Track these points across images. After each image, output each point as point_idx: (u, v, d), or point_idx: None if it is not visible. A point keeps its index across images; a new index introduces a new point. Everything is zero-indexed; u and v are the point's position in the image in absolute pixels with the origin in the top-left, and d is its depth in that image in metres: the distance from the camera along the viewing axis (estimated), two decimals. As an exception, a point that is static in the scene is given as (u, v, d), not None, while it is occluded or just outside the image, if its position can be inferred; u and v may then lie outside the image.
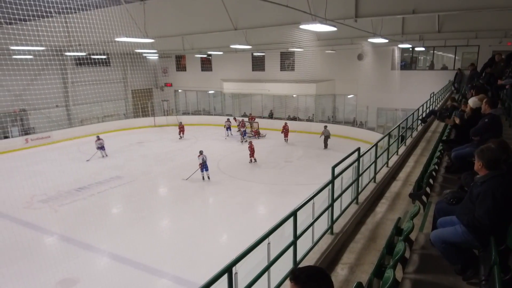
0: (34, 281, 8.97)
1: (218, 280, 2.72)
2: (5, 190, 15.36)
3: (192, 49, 23.18)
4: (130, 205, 14.41)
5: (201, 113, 33.93)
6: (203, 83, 33.63)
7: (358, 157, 5.63)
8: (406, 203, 6.06)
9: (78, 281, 9.14)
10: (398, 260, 3.19)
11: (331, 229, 4.83)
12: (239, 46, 18.53)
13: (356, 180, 5.73)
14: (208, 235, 11.58)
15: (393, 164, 7.98)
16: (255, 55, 30.86)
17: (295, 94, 29.22)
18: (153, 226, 12.50)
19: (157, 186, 16.81)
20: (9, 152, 21.69)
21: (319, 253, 4.35)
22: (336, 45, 23.15)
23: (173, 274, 9.51)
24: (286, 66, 29.87)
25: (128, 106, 32.60)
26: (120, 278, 9.25)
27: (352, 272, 4.20)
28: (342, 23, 10.61)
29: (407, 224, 3.81)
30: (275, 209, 13.31)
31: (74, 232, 11.70)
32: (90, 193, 15.31)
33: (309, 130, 27.65)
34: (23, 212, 13.33)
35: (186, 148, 23.28)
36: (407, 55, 25.34)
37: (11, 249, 10.41)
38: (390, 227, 4.97)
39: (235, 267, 2.92)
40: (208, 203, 15.00)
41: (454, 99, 11.68)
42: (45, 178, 16.87)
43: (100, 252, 10.65)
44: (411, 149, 9.80)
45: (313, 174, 17.02)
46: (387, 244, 3.67)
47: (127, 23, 12.25)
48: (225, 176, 17.52)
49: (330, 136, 23.18)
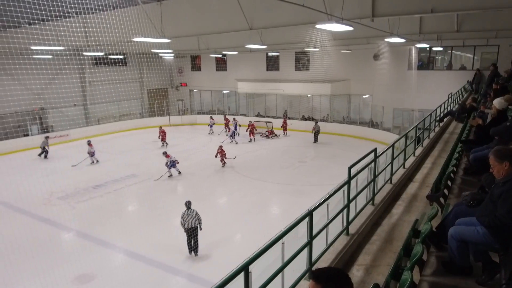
0: (52, 276, 9.17)
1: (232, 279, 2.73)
2: (26, 187, 15.76)
3: (207, 49, 23.34)
4: (145, 203, 14.59)
5: (216, 113, 34.09)
6: (217, 83, 33.80)
7: (375, 157, 5.58)
8: (423, 205, 5.97)
9: (94, 277, 9.30)
10: (416, 262, 3.15)
11: (346, 230, 4.80)
12: (254, 46, 18.57)
13: (372, 181, 5.68)
14: (222, 234, 11.63)
15: (410, 165, 7.87)
16: (269, 55, 30.86)
17: (310, 94, 29.10)
18: (167, 223, 12.61)
19: (172, 185, 16.97)
20: (29, 150, 22.19)
21: (334, 254, 4.33)
22: (352, 44, 22.97)
23: (187, 272, 9.60)
24: (300, 66, 29.77)
25: (144, 106, 33.01)
26: (135, 274, 9.38)
27: (368, 274, 4.17)
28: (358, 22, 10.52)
29: (425, 226, 3.76)
30: (288, 209, 13.29)
31: (90, 228, 11.92)
32: (107, 190, 15.56)
33: (323, 130, 27.47)
34: (42, 208, 13.63)
35: (201, 147, 23.43)
36: (424, 55, 24.94)
37: (31, 245, 10.66)
38: (407, 229, 4.92)
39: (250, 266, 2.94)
40: (222, 202, 15.07)
41: (474, 99, 11.45)
42: (63, 176, 17.24)
43: (116, 249, 10.81)
44: (428, 150, 9.65)
45: (328, 175, 16.92)
46: (404, 246, 3.63)
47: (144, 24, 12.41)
48: (239, 176, 17.57)
49: (320, 131, 24.71)
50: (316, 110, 29.13)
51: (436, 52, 24.92)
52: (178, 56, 33.54)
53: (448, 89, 17.43)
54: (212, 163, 18.77)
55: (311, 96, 29.20)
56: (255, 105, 32.33)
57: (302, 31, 15.57)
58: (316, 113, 29.14)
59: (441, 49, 23.53)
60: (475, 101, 11.02)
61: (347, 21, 9.12)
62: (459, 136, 8.56)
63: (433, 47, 22.81)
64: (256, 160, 20.59)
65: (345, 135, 26.05)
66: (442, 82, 22.64)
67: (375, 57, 25.25)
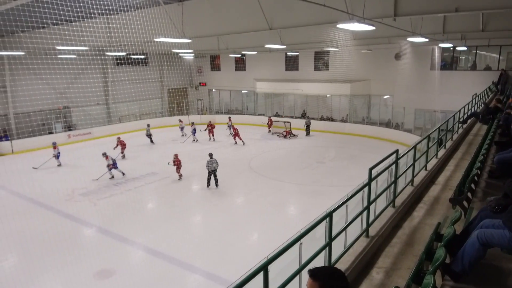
0: (73, 270, 9.43)
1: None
2: (50, 183, 16.24)
3: (227, 49, 23.48)
4: (164, 201, 14.80)
5: (234, 112, 34.24)
6: (236, 83, 33.95)
7: (396, 159, 5.50)
8: (446, 208, 5.84)
9: (114, 272, 9.48)
10: (439, 267, 3.09)
11: (366, 232, 4.74)
12: (274, 46, 18.54)
13: (393, 182, 5.60)
14: (239, 233, 11.68)
15: (432, 167, 7.71)
16: (288, 55, 30.78)
17: (329, 94, 28.87)
18: (186, 221, 12.77)
19: (190, 183, 17.14)
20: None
21: (353, 256, 4.28)
22: (373, 44, 22.69)
23: (205, 270, 9.67)
24: (320, 66, 29.57)
25: (164, 105, 33.45)
26: (154, 271, 9.52)
27: (388, 277, 4.10)
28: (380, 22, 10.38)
29: (448, 230, 3.67)
30: (306, 209, 13.23)
31: (111, 225, 12.17)
32: (127, 188, 15.85)
33: (342, 131, 27.26)
34: (65, 204, 13.99)
35: (219, 147, 23.57)
36: (447, 55, 24.38)
37: (54, 240, 10.95)
38: (429, 232, 4.82)
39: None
40: (239, 201, 15.12)
41: (499, 100, 11.12)
42: (86, 173, 17.66)
43: (135, 245, 11.00)
44: (451, 152, 9.43)
45: (346, 176, 16.75)
46: (426, 249, 3.56)
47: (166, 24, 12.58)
48: (256, 175, 17.59)
49: (310, 124, 27.02)
50: (335, 110, 28.88)
51: (460, 52, 24.33)
52: (198, 56, 33.87)
53: (472, 89, 16.99)
54: (229, 163, 18.85)
55: (330, 96, 28.96)
56: (274, 105, 32.31)
57: (322, 31, 15.47)
58: (335, 113, 28.89)
59: (465, 48, 22.93)
60: (500, 102, 10.70)
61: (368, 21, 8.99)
62: (484, 138, 8.33)
63: (457, 47, 22.28)
64: (274, 160, 20.57)
65: (365, 136, 25.73)
66: (466, 83, 22.10)
67: (396, 57, 24.85)
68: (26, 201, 14.42)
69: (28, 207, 13.89)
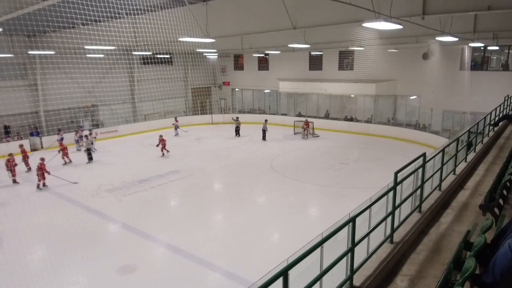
0: (97, 265, 9.66)
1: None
2: (77, 179, 16.69)
3: (250, 49, 23.51)
4: (187, 199, 14.95)
5: (256, 112, 34.23)
6: (259, 82, 33.95)
7: (423, 163, 5.31)
8: (475, 215, 5.61)
9: (136, 268, 9.65)
10: (468, 278, 2.95)
11: (391, 238, 4.61)
12: (297, 45, 18.40)
13: (420, 187, 5.42)
14: (260, 233, 11.65)
15: (461, 171, 7.44)
16: (312, 54, 30.50)
17: (353, 94, 28.42)
18: (207, 220, 12.85)
19: (213, 182, 17.25)
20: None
21: (377, 262, 4.16)
22: (400, 43, 22.15)
23: (225, 269, 9.70)
24: (344, 66, 29.15)
25: (188, 104, 33.86)
26: (175, 268, 9.62)
27: (413, 285, 3.97)
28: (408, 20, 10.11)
29: (478, 238, 3.51)
30: (328, 211, 13.06)
31: (135, 221, 12.39)
32: (151, 185, 16.11)
33: (367, 131, 26.77)
34: (91, 200, 14.36)
35: (241, 146, 23.65)
36: (477, 55, 23.50)
37: (79, 234, 11.27)
38: (457, 239, 4.65)
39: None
40: (260, 201, 15.09)
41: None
42: (111, 169, 18.07)
43: (157, 242, 11.15)
44: (481, 156, 9.07)
45: (370, 178, 16.43)
46: (454, 258, 3.42)
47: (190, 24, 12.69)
48: (278, 175, 17.51)
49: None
50: (360, 111, 28.40)
51: (491, 52, 23.40)
52: (222, 55, 34.08)
53: (504, 91, 16.32)
54: (251, 162, 18.86)
55: (355, 96, 28.50)
56: (296, 105, 32.10)
57: (347, 30, 15.22)
58: (359, 114, 28.42)
59: (497, 48, 22.03)
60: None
61: (395, 19, 8.77)
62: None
63: (488, 46, 21.43)
64: (295, 160, 20.43)
65: (390, 137, 25.18)
66: (497, 84, 21.25)
67: (424, 57, 24.15)
68: (54, 196, 14.91)
69: (57, 202, 14.35)
